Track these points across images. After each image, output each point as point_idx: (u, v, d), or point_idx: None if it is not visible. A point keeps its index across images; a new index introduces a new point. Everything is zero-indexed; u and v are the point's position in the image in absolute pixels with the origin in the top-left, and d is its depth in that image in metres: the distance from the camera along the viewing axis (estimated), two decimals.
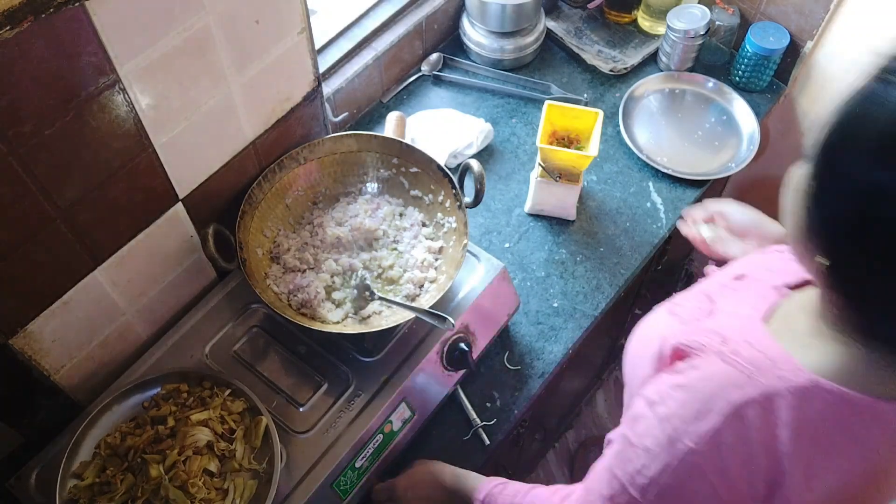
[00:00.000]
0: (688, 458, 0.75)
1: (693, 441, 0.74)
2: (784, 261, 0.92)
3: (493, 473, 1.08)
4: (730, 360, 0.75)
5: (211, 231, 1.08)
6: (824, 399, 0.71)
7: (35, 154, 0.81)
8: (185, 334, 1.13)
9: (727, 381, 0.74)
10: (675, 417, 0.76)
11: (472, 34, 1.69)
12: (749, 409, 0.72)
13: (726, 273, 0.97)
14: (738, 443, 0.72)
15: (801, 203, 0.69)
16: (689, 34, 1.62)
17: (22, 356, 0.95)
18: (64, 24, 0.76)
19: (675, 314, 0.93)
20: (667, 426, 0.77)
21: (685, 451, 0.75)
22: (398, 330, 1.14)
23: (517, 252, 1.44)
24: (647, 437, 0.80)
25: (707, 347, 0.79)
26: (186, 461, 0.96)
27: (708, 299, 0.92)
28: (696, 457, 0.74)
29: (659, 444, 0.78)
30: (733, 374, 0.74)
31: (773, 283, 0.87)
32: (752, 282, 0.92)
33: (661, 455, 0.77)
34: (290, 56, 1.09)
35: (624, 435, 0.84)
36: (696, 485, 0.76)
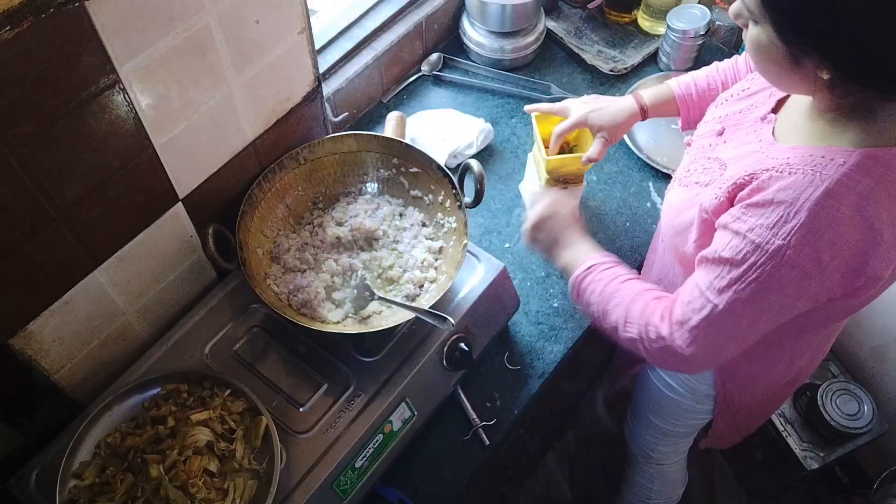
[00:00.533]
0: (778, 254, 0.86)
1: (782, 238, 0.85)
2: (743, 97, 1.07)
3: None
4: (791, 171, 0.87)
5: (211, 231, 1.08)
6: (879, 163, 0.84)
7: (35, 154, 0.81)
8: (185, 334, 1.13)
9: (800, 185, 0.85)
10: (759, 227, 0.87)
11: (472, 34, 1.69)
12: (828, 198, 0.83)
13: (705, 134, 1.10)
14: (826, 229, 0.84)
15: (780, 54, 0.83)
16: (689, 34, 1.62)
17: (22, 356, 0.95)
18: (64, 24, 0.76)
19: (689, 184, 1.06)
20: (751, 236, 0.88)
21: (774, 249, 0.86)
22: (398, 330, 1.14)
23: (517, 252, 1.44)
24: (727, 249, 0.91)
25: (758, 174, 0.90)
26: (186, 461, 0.96)
27: (710, 159, 1.03)
28: (786, 251, 0.85)
29: (742, 252, 0.89)
30: (801, 178, 0.85)
31: (754, 117, 1.01)
32: (733, 128, 1.05)
33: (747, 258, 0.89)
34: (290, 56, 1.09)
35: (702, 256, 0.96)
36: (787, 274, 0.87)
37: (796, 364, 1.21)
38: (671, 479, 1.66)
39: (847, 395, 1.84)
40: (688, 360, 0.98)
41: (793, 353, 1.16)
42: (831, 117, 0.89)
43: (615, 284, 1.07)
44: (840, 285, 0.89)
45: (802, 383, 1.36)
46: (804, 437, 1.87)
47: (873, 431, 1.82)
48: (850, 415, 1.81)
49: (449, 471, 1.20)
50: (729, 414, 1.32)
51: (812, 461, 1.84)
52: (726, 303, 0.92)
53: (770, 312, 0.93)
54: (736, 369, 1.22)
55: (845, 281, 0.88)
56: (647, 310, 1.02)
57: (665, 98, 1.29)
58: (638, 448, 1.59)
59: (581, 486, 2.10)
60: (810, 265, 0.86)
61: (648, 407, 1.46)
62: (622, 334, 1.05)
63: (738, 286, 0.90)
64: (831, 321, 1.06)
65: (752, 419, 1.38)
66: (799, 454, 1.85)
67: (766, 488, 2.06)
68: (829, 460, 1.84)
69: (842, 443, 1.84)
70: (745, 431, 1.43)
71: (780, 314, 0.94)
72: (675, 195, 1.09)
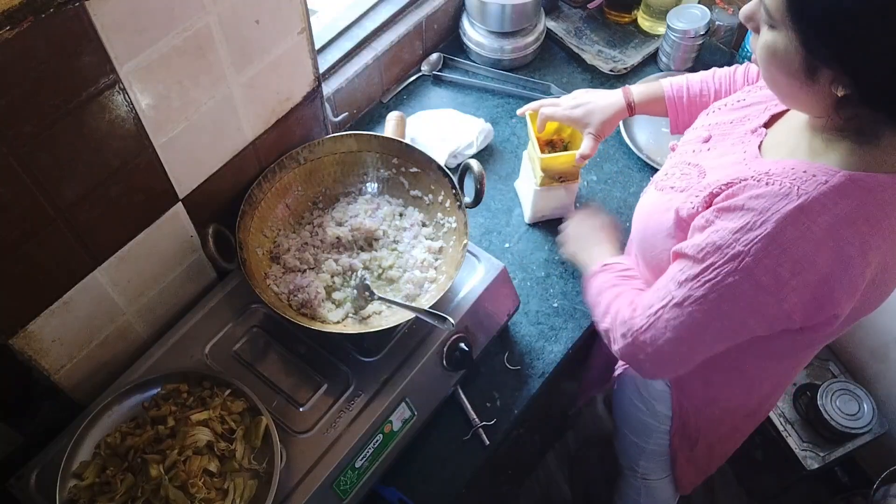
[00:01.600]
0: (735, 260, 0.84)
1: (743, 245, 0.83)
2: (737, 110, 1.05)
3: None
4: (769, 181, 0.84)
5: (211, 231, 1.08)
6: (860, 188, 0.81)
7: (35, 154, 0.81)
8: (185, 334, 1.13)
9: (774, 197, 0.82)
10: (724, 230, 0.85)
11: (472, 34, 1.69)
12: (800, 214, 0.81)
13: (690, 141, 1.08)
14: (791, 244, 0.81)
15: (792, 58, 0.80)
16: (689, 34, 1.62)
17: (22, 356, 0.95)
18: (64, 24, 0.76)
19: (664, 188, 1.04)
20: (714, 237, 0.86)
21: (733, 254, 0.84)
22: (398, 330, 1.14)
23: (517, 252, 1.44)
24: (690, 247, 0.90)
25: (736, 182, 0.88)
26: (186, 461, 0.96)
27: (690, 165, 1.02)
28: (744, 258, 0.83)
29: (704, 251, 0.87)
30: (777, 189, 0.83)
31: (744, 129, 0.98)
32: (720, 137, 1.03)
33: (708, 257, 0.87)
34: (290, 56, 1.09)
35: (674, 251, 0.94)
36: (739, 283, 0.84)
37: (755, 394, 1.19)
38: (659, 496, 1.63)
39: (847, 395, 1.84)
40: (645, 352, 0.98)
41: (752, 382, 1.14)
42: (826, 137, 0.86)
43: (607, 286, 1.10)
44: (800, 312, 0.86)
45: (762, 419, 1.32)
46: (804, 437, 1.87)
47: (873, 431, 1.81)
48: (850, 415, 1.81)
49: (449, 471, 1.20)
50: (686, 440, 1.30)
51: (812, 461, 1.84)
52: (682, 297, 0.91)
53: (722, 322, 0.91)
54: (692, 390, 1.20)
55: (807, 309, 0.86)
56: (624, 300, 1.04)
57: (655, 97, 1.27)
58: (624, 460, 1.59)
59: (581, 486, 2.10)
60: (767, 279, 0.83)
61: (623, 421, 1.46)
62: (600, 325, 1.07)
63: (695, 283, 0.89)
64: (791, 353, 1.04)
65: (711, 456, 1.35)
66: (799, 454, 1.85)
67: (766, 488, 2.06)
68: (829, 460, 1.84)
69: (842, 443, 1.84)
70: (704, 470, 1.40)
71: (732, 328, 0.91)
72: (649, 199, 1.09)
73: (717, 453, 1.36)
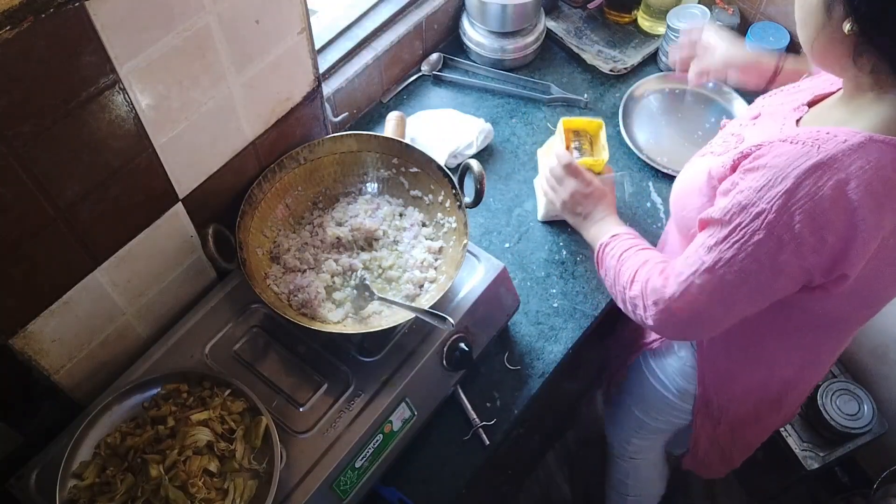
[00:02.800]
0: (759, 218, 0.87)
1: (765, 202, 0.86)
2: (790, 94, 1.08)
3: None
4: (794, 141, 0.87)
5: (211, 231, 1.08)
6: (879, 148, 0.83)
7: (35, 154, 0.81)
8: (185, 334, 1.13)
9: (795, 154, 0.86)
10: (748, 189, 0.88)
11: (472, 34, 1.69)
12: (818, 170, 0.83)
13: (741, 118, 1.11)
14: (808, 200, 0.84)
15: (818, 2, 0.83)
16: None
17: (22, 356, 0.95)
18: (64, 24, 0.76)
19: (706, 154, 1.07)
20: (738, 197, 0.89)
21: (756, 212, 0.87)
22: (398, 330, 1.14)
23: (517, 252, 1.44)
24: (717, 211, 0.92)
25: (765, 143, 0.91)
26: (186, 461, 0.96)
27: (733, 136, 1.05)
28: (767, 215, 0.86)
29: (730, 212, 0.90)
30: (799, 148, 0.86)
31: (789, 108, 1.01)
32: (768, 115, 1.06)
33: (734, 218, 0.89)
34: (290, 56, 1.09)
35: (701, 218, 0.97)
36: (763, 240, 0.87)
37: (776, 377, 1.20)
38: (646, 477, 1.68)
39: (847, 395, 1.84)
40: (675, 315, 1.00)
41: (773, 359, 1.16)
42: (857, 104, 0.89)
43: (633, 251, 1.12)
44: (819, 269, 0.89)
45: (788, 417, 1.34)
46: (804, 437, 1.87)
47: (873, 431, 1.82)
48: (850, 415, 1.81)
49: (449, 471, 1.20)
50: (709, 419, 1.31)
51: (812, 461, 1.84)
52: (712, 261, 0.93)
53: (751, 282, 0.93)
54: (716, 361, 1.22)
55: (824, 264, 0.88)
56: (654, 269, 1.05)
57: None
58: (616, 440, 1.62)
59: (581, 486, 2.10)
60: (787, 234, 0.86)
61: (634, 398, 1.48)
62: (627, 293, 1.08)
63: (724, 246, 0.91)
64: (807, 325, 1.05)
65: (734, 440, 1.36)
66: (799, 454, 1.85)
67: (766, 488, 2.06)
68: (829, 460, 1.84)
69: (842, 443, 1.84)
70: (728, 459, 1.41)
71: (762, 287, 0.94)
72: (691, 165, 1.12)
73: (739, 440, 1.36)
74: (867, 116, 0.88)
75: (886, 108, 0.86)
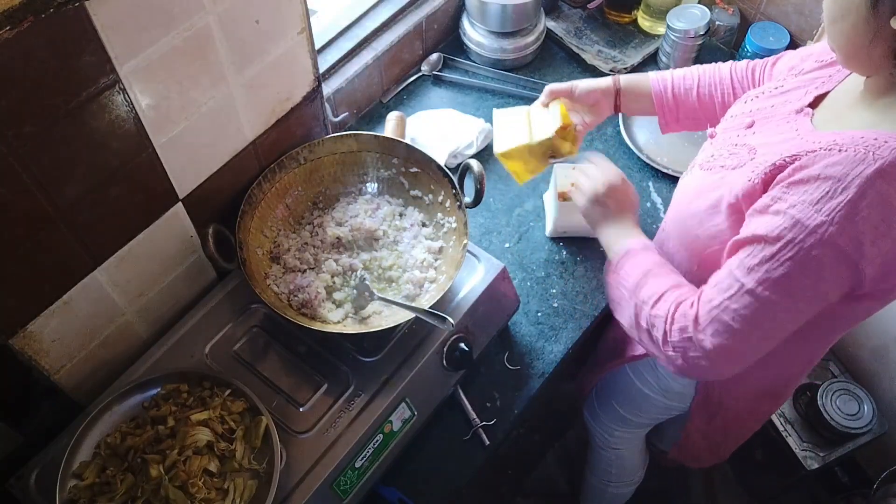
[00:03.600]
0: (818, 231, 0.81)
1: (825, 214, 0.80)
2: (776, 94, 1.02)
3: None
4: (842, 149, 0.82)
5: (211, 231, 1.08)
6: None
7: (35, 154, 0.81)
8: (185, 334, 1.13)
9: (851, 162, 0.80)
10: (801, 203, 0.82)
11: (472, 34, 1.69)
12: (879, 178, 0.79)
13: (732, 128, 1.05)
14: (873, 210, 0.79)
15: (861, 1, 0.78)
16: (689, 34, 1.62)
17: (22, 356, 0.95)
18: (64, 24, 0.76)
19: (713, 167, 1.00)
20: (791, 212, 0.83)
21: (815, 225, 0.81)
22: (398, 330, 1.14)
23: (517, 252, 1.44)
24: (761, 228, 0.85)
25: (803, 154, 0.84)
26: (186, 461, 0.96)
27: (738, 146, 0.98)
28: (828, 227, 0.80)
29: (779, 228, 0.83)
30: (853, 155, 0.80)
31: (787, 111, 0.95)
32: (764, 121, 1.00)
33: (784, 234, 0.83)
34: (290, 56, 1.09)
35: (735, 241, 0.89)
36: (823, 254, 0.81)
37: (785, 374, 1.18)
38: (629, 464, 1.68)
39: (847, 395, 1.84)
40: (707, 354, 0.90)
41: (787, 359, 1.12)
42: (884, 103, 0.85)
43: (667, 269, 1.02)
44: (871, 278, 0.84)
45: (783, 402, 1.31)
46: (804, 437, 1.87)
47: (873, 431, 1.81)
48: (850, 415, 1.81)
49: (449, 471, 1.20)
50: (706, 413, 1.29)
51: (812, 461, 1.84)
52: (755, 282, 0.86)
53: (803, 299, 0.86)
54: None
55: (877, 275, 0.84)
56: (688, 295, 0.96)
57: (640, 81, 1.26)
58: (597, 433, 1.61)
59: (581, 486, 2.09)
60: (851, 247, 0.81)
61: (616, 396, 1.47)
62: (648, 309, 0.98)
63: (771, 265, 0.84)
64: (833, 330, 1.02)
65: (727, 434, 1.34)
66: (799, 454, 1.85)
67: (766, 488, 2.06)
68: (829, 460, 1.84)
69: (842, 443, 1.84)
70: (717, 451, 1.39)
71: (813, 303, 0.87)
72: (695, 178, 1.05)
73: (732, 432, 1.34)
74: None
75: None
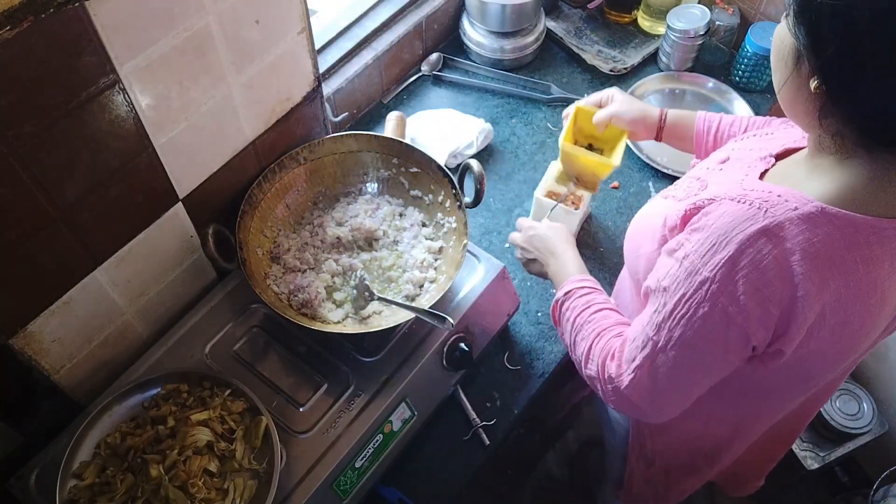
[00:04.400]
0: (703, 288, 0.81)
1: (709, 270, 0.80)
2: (762, 140, 1.02)
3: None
4: (742, 200, 0.82)
5: (211, 231, 1.08)
6: (830, 222, 0.78)
7: (35, 154, 0.81)
8: (185, 334, 1.13)
9: (741, 216, 0.80)
10: (693, 254, 0.82)
11: (472, 34, 1.69)
12: (763, 237, 0.78)
13: (710, 160, 1.06)
14: (752, 270, 0.79)
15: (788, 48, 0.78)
16: (689, 34, 1.62)
17: (22, 356, 0.95)
18: (64, 24, 0.76)
19: (668, 196, 1.02)
20: (685, 263, 0.83)
21: (700, 280, 0.81)
22: (398, 330, 1.13)
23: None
24: (666, 278, 0.86)
25: (718, 198, 0.85)
26: (186, 461, 0.96)
27: (698, 180, 0.99)
28: (710, 285, 0.80)
29: (676, 280, 0.84)
30: (746, 210, 0.80)
31: (757, 156, 0.95)
32: (736, 160, 1.00)
33: (679, 289, 0.84)
34: (290, 56, 1.09)
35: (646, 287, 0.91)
36: (709, 313, 0.82)
37: (711, 435, 1.15)
38: None
39: (847, 395, 1.84)
40: (635, 405, 0.93)
41: (708, 416, 1.09)
42: (813, 164, 0.84)
43: (586, 315, 1.03)
44: (761, 342, 0.83)
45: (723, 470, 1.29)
46: (804, 437, 1.87)
47: (873, 431, 1.82)
48: (850, 415, 1.81)
49: (449, 471, 1.20)
50: (643, 460, 1.28)
51: (812, 461, 1.84)
52: (664, 341, 0.87)
53: (704, 359, 0.87)
54: None
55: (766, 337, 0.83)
56: (606, 347, 0.98)
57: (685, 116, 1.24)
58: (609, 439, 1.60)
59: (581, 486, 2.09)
60: (732, 307, 0.80)
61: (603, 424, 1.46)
62: (584, 370, 1.01)
63: (671, 323, 0.85)
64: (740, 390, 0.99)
65: (668, 484, 1.32)
66: (799, 454, 1.85)
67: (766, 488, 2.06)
68: (829, 460, 1.84)
69: (842, 443, 1.84)
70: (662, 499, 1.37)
71: (715, 363, 0.87)
72: (650, 205, 1.05)
73: (675, 484, 1.32)
74: (825, 181, 0.81)
75: (846, 175, 0.79)
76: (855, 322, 0.83)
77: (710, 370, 0.89)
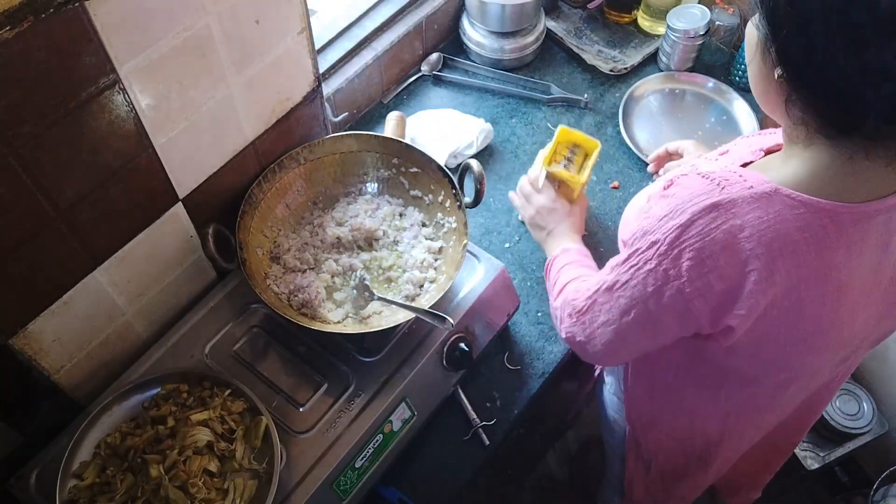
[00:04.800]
0: (653, 248, 0.85)
1: (661, 233, 0.84)
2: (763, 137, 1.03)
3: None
4: (706, 177, 0.84)
5: (211, 231, 1.08)
6: (783, 203, 0.79)
7: (35, 154, 0.81)
8: (185, 334, 1.13)
9: (700, 190, 0.83)
10: (652, 217, 0.86)
11: (472, 34, 1.69)
12: (714, 210, 0.80)
13: (712, 153, 1.10)
14: (698, 240, 0.81)
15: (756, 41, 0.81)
16: (689, 34, 1.62)
17: (22, 356, 0.95)
18: (64, 24, 0.76)
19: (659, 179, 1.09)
20: (643, 223, 0.88)
21: (652, 241, 0.85)
22: (398, 330, 1.14)
23: (517, 252, 1.44)
24: (627, 232, 0.93)
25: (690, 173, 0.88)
26: (186, 461, 0.96)
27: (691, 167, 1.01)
28: (659, 246, 0.84)
29: (634, 236, 0.89)
30: (707, 185, 0.83)
31: (750, 150, 0.98)
32: (733, 153, 1.03)
33: (635, 243, 0.89)
34: (290, 56, 1.09)
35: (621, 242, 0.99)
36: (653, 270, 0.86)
37: (699, 432, 1.16)
38: None
39: (847, 395, 1.84)
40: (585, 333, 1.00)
41: (694, 410, 1.11)
42: (785, 155, 0.85)
43: (573, 266, 1.14)
44: (705, 316, 0.85)
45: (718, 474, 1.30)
46: (804, 437, 1.87)
47: (873, 431, 1.82)
48: (850, 415, 1.82)
49: (449, 471, 1.20)
50: (641, 463, 1.29)
51: (812, 461, 1.84)
52: (612, 281, 0.93)
53: (641, 312, 0.90)
54: (640, 401, 1.20)
55: (709, 312, 0.84)
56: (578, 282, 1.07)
57: None
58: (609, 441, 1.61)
59: (581, 486, 2.10)
60: (673, 271, 0.83)
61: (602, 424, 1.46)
62: (553, 303, 1.10)
63: (622, 268, 0.91)
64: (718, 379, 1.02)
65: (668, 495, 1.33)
66: (799, 454, 1.85)
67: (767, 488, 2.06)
68: (829, 460, 1.84)
69: (842, 443, 1.84)
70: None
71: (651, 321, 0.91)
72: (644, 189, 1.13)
73: (672, 494, 1.33)
74: (785, 166, 0.83)
75: (809, 161, 0.81)
76: (809, 307, 0.83)
77: (645, 324, 0.92)
